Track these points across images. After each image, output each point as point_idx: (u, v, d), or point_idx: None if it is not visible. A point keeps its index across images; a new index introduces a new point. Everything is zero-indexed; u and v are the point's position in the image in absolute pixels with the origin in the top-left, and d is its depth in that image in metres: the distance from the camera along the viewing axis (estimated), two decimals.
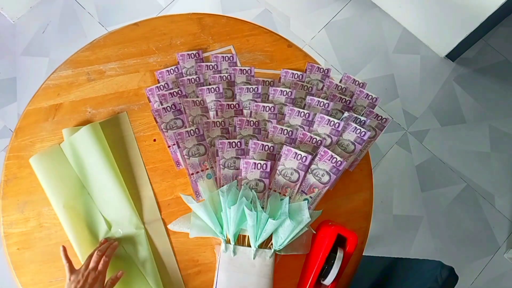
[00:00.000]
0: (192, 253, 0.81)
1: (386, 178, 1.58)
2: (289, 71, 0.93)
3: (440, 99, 1.66)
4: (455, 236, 1.53)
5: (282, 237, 0.75)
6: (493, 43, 1.73)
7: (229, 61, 0.94)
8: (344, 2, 1.75)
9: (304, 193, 0.81)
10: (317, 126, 0.85)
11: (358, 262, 0.84)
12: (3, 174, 0.84)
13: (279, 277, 0.78)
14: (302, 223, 0.75)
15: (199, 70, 0.92)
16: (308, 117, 0.86)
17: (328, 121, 0.85)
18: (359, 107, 0.92)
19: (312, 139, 0.84)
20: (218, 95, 0.89)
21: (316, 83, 0.93)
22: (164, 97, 0.88)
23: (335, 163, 0.80)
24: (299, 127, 0.87)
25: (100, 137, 0.83)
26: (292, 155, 0.81)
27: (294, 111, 0.87)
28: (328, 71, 0.94)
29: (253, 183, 0.81)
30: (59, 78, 0.91)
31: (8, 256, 0.79)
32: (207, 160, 0.83)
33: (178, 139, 0.82)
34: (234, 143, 0.82)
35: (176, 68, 0.92)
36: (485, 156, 1.61)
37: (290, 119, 0.87)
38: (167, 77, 0.91)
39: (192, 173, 0.82)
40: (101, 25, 1.69)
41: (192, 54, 0.93)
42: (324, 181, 0.81)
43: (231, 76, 0.92)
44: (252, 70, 0.93)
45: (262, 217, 0.75)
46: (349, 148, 0.85)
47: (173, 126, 0.86)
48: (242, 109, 0.89)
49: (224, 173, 0.82)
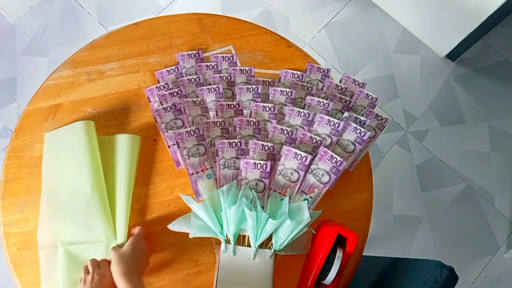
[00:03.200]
0: (192, 253, 0.81)
1: (386, 178, 1.58)
2: (289, 71, 0.93)
3: (440, 99, 1.66)
4: (455, 236, 1.53)
5: (282, 237, 0.75)
6: (493, 43, 1.73)
7: (229, 61, 0.94)
8: (344, 2, 1.75)
9: (304, 193, 0.81)
10: (317, 126, 0.85)
11: (358, 262, 0.84)
12: (3, 174, 0.84)
13: (279, 277, 0.78)
14: (302, 223, 0.75)
15: (199, 70, 0.92)
16: (308, 117, 0.86)
17: (328, 121, 0.85)
18: (359, 107, 0.92)
19: (312, 139, 0.84)
20: (218, 95, 0.89)
21: (316, 83, 0.93)
22: (164, 97, 0.88)
23: (335, 163, 0.80)
24: (299, 127, 0.87)
25: (91, 137, 0.83)
26: (292, 155, 0.81)
27: (294, 111, 0.87)
28: (328, 71, 0.94)
29: (253, 183, 0.81)
30: (59, 78, 0.91)
31: (8, 256, 0.79)
32: (207, 160, 0.83)
33: (178, 139, 0.82)
34: (234, 143, 0.82)
35: (176, 68, 0.92)
36: (485, 156, 1.61)
37: (290, 119, 0.87)
38: (167, 77, 0.91)
39: (192, 173, 0.82)
40: (101, 25, 1.69)
41: (192, 54, 0.93)
42: (324, 181, 0.81)
43: (231, 76, 0.92)
44: (252, 70, 0.93)
45: (262, 217, 0.75)
46: (349, 148, 0.85)
47: (173, 126, 0.86)
48: (242, 109, 0.89)
49: (224, 173, 0.82)
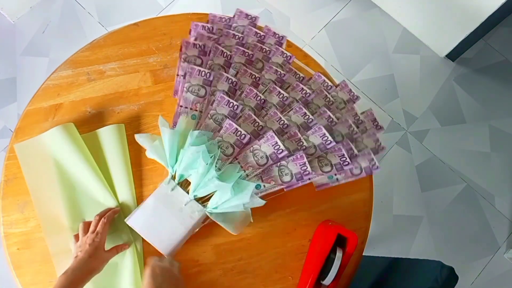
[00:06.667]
0: (192, 253, 0.81)
1: (386, 178, 1.58)
2: (322, 76, 0.92)
3: (440, 99, 1.66)
4: (455, 236, 1.53)
5: (218, 202, 0.76)
6: (493, 43, 1.73)
7: (277, 39, 0.94)
8: (344, 2, 1.75)
9: (260, 179, 0.81)
10: (311, 133, 0.85)
11: (358, 262, 0.84)
12: (3, 174, 0.84)
13: (279, 277, 0.78)
14: (241, 200, 0.76)
15: (247, 33, 0.93)
16: (309, 122, 0.86)
17: (323, 135, 0.83)
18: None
19: (300, 141, 0.84)
20: (247, 61, 0.90)
21: (340, 101, 0.93)
22: (201, 36, 0.89)
23: (303, 171, 0.80)
24: (296, 126, 0.87)
25: (76, 138, 0.84)
26: (272, 142, 0.81)
27: (301, 110, 0.86)
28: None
29: (224, 145, 0.81)
30: (59, 78, 0.91)
31: (8, 256, 0.79)
32: (200, 103, 0.84)
33: (188, 71, 0.83)
34: (232, 103, 0.83)
35: (229, 19, 0.93)
36: (485, 156, 1.61)
37: (293, 114, 0.87)
38: (217, 23, 0.92)
39: (181, 105, 0.83)
40: (101, 25, 1.69)
41: (250, 16, 0.94)
42: (285, 180, 0.81)
43: (270, 51, 0.92)
44: (292, 57, 0.92)
45: (212, 174, 0.76)
46: (325, 168, 0.83)
47: (191, 61, 0.87)
48: (259, 83, 0.89)
49: (208, 123, 0.83)
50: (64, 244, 0.79)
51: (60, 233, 0.80)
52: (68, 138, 0.82)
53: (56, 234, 0.80)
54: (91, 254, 0.70)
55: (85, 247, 0.71)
